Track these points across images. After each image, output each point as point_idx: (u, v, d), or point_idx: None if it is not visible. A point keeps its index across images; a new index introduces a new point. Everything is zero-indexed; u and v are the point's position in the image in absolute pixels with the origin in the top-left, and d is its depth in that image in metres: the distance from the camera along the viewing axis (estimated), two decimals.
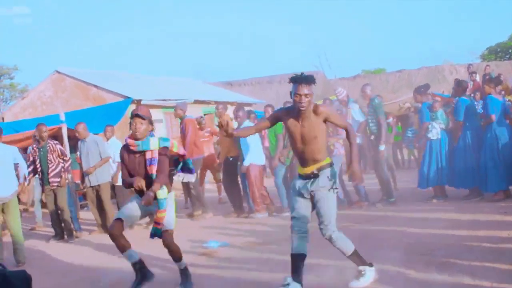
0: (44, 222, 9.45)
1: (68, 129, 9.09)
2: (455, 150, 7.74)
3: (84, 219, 9.40)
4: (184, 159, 4.90)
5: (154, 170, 4.55)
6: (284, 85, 4.53)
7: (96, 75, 15.77)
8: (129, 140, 4.58)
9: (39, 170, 7.78)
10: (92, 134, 8.26)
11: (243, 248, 6.06)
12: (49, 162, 7.69)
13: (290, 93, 4.04)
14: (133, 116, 4.56)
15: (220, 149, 8.89)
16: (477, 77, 13.57)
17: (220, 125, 4.30)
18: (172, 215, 4.62)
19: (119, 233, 4.54)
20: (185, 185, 8.80)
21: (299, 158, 4.26)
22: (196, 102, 15.00)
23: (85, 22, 73.69)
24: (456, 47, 56.76)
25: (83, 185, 8.28)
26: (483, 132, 7.52)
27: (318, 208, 4.10)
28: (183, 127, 8.55)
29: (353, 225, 6.40)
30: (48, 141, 7.77)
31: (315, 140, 4.06)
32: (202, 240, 6.49)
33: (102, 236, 7.90)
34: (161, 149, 4.59)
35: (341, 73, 38.37)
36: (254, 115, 10.12)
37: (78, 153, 8.36)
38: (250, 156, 8.02)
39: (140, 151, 4.58)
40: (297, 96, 3.96)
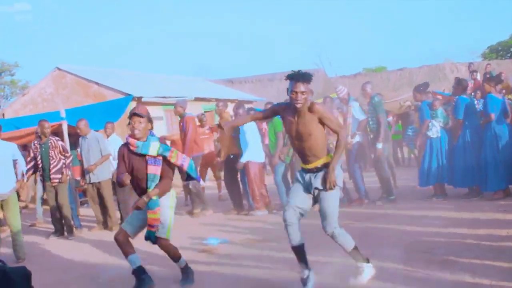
0: (44, 219, 9.47)
1: (69, 126, 9.09)
2: (455, 149, 7.73)
3: (84, 216, 9.41)
4: (184, 170, 4.76)
5: (153, 171, 4.54)
6: (285, 83, 4.50)
7: (97, 72, 15.78)
8: (131, 140, 4.57)
9: (40, 167, 7.76)
10: (93, 131, 8.27)
11: (243, 245, 6.07)
12: (51, 159, 7.68)
13: (287, 90, 4.05)
14: (131, 115, 4.56)
15: (221, 147, 8.88)
16: (478, 76, 13.58)
17: (219, 126, 4.31)
18: (167, 224, 4.57)
19: (124, 240, 4.62)
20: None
21: (299, 155, 4.28)
22: (197, 100, 15.00)
23: (85, 22, 73.68)
24: (456, 47, 56.75)
25: (84, 182, 8.30)
26: (483, 131, 7.51)
27: (321, 205, 4.11)
28: (184, 125, 8.54)
29: (353, 223, 6.39)
30: (50, 138, 7.76)
31: (310, 137, 4.07)
32: (202, 237, 6.50)
33: (102, 233, 7.93)
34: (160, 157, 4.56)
35: (342, 71, 38.44)
36: (254, 113, 10.10)
37: (79, 150, 8.37)
38: (248, 153, 8.01)
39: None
40: (294, 94, 3.98)
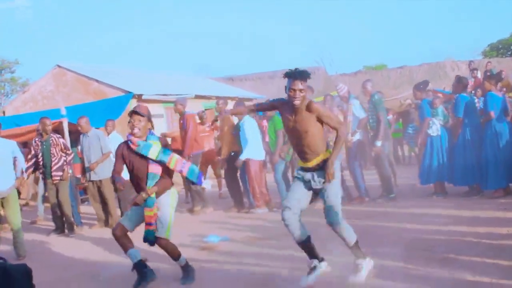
0: (45, 216, 9.48)
1: (69, 123, 9.09)
2: (455, 147, 7.73)
3: (85, 213, 9.42)
4: (184, 175, 4.73)
5: (154, 170, 4.55)
6: (286, 81, 4.51)
7: (97, 70, 15.76)
8: (132, 138, 4.58)
9: (41, 164, 7.75)
10: (94, 129, 8.27)
11: (243, 243, 6.08)
12: (52, 156, 7.67)
13: (285, 88, 4.04)
14: (132, 114, 4.56)
15: (221, 145, 8.87)
16: (479, 74, 13.57)
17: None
18: (167, 223, 4.57)
19: (122, 234, 4.63)
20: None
21: (297, 152, 4.28)
22: (197, 97, 14.98)
23: (85, 22, 73.74)
24: (457, 47, 56.76)
25: (84, 179, 8.30)
26: (483, 129, 7.50)
27: (326, 199, 4.11)
28: (184, 123, 8.54)
29: (353, 221, 6.33)
30: (51, 135, 7.76)
31: (306, 135, 4.07)
32: (203, 235, 6.50)
33: (103, 230, 7.93)
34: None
35: (343, 69, 38.34)
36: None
37: (79, 147, 8.37)
38: (247, 151, 8.00)
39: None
40: (292, 91, 3.97)
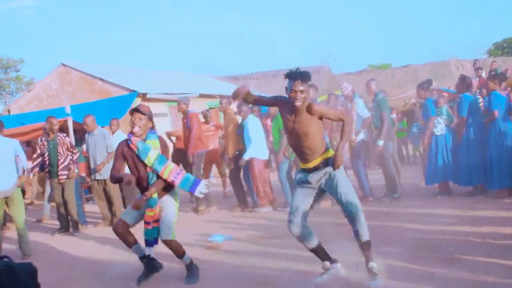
0: (51, 215, 9.51)
1: (74, 122, 9.12)
2: (459, 147, 7.71)
3: (89, 212, 9.45)
4: (175, 185, 4.63)
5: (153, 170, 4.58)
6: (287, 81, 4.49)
7: (102, 69, 15.81)
8: (132, 138, 4.59)
9: (48, 163, 7.75)
10: (100, 127, 8.29)
11: (247, 242, 6.08)
12: (59, 155, 7.67)
13: (286, 89, 3.99)
14: (132, 111, 4.57)
15: (225, 144, 8.87)
16: (483, 73, 13.53)
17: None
18: (171, 223, 4.57)
19: (124, 231, 4.64)
20: None
21: (297, 153, 4.26)
22: (201, 96, 15.00)
23: (86, 22, 73.86)
24: (460, 47, 56.58)
25: (89, 178, 8.31)
26: (487, 129, 7.48)
27: (338, 190, 4.06)
28: (188, 122, 8.54)
29: None
30: (58, 134, 7.76)
31: (306, 138, 4.04)
32: (207, 234, 6.52)
33: (107, 229, 7.93)
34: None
35: (347, 68, 38.23)
36: (258, 109, 10.09)
37: (85, 146, 8.39)
38: (251, 150, 8.00)
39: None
40: (293, 92, 3.92)
